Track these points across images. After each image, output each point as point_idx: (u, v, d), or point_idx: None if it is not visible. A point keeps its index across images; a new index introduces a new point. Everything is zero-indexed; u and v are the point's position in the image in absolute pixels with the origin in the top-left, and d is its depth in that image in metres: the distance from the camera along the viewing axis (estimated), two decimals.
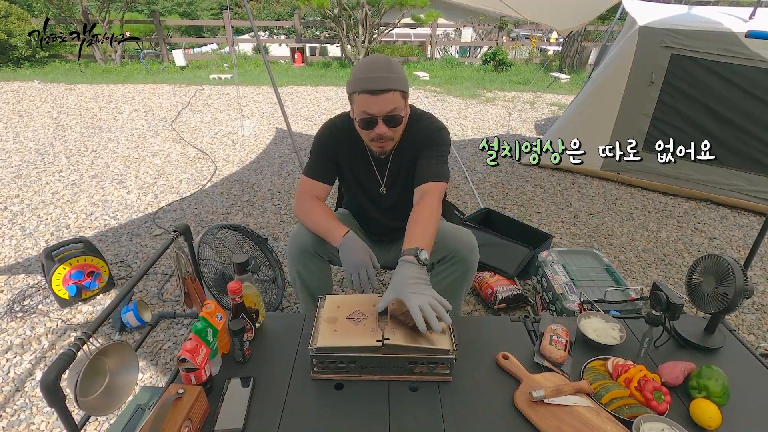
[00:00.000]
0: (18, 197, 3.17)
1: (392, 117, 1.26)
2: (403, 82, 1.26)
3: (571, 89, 7.33)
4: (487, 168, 3.94)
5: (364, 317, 1.22)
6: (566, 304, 1.74)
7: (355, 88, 1.25)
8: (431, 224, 1.27)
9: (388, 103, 1.23)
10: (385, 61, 1.25)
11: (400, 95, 1.26)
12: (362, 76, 1.23)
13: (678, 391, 1.12)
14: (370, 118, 1.26)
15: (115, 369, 0.90)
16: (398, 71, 1.25)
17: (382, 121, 1.26)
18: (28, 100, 5.86)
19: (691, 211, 3.19)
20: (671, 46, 3.14)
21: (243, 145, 4.39)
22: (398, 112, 1.26)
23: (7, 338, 1.87)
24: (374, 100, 1.22)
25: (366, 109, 1.25)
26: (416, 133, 1.40)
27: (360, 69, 1.25)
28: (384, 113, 1.24)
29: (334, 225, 1.35)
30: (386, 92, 1.22)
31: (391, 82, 1.22)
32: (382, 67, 1.23)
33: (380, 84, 1.21)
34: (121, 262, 2.43)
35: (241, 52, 10.29)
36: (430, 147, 1.38)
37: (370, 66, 1.24)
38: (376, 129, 1.27)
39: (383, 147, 1.34)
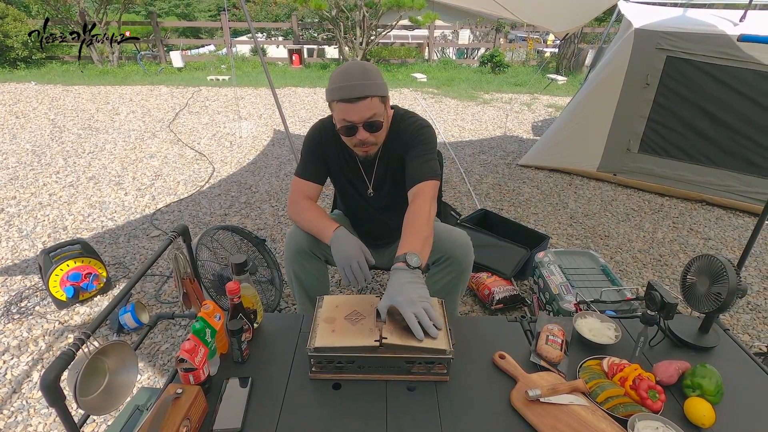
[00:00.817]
0: (15, 199, 3.16)
1: (372, 123, 1.26)
2: (381, 87, 1.26)
3: (568, 91, 7.37)
4: (485, 169, 3.96)
5: (362, 317, 1.23)
6: (563, 305, 1.75)
7: (333, 97, 1.25)
8: (423, 226, 1.26)
9: (366, 110, 1.24)
10: (360, 68, 1.24)
11: (379, 100, 1.26)
12: (339, 85, 1.23)
13: (672, 389, 1.13)
14: (349, 125, 1.26)
15: (115, 369, 0.90)
16: (375, 77, 1.25)
17: (362, 127, 1.26)
18: (24, 102, 5.85)
19: (686, 212, 3.22)
20: (666, 48, 3.16)
21: (241, 147, 4.40)
22: (377, 118, 1.27)
23: (4, 340, 1.87)
24: (352, 107, 1.23)
25: (345, 117, 1.25)
26: (401, 134, 1.41)
27: (336, 77, 1.24)
28: (363, 120, 1.25)
29: (325, 223, 1.36)
30: (363, 99, 1.22)
31: (368, 88, 1.22)
32: (357, 75, 1.22)
33: (357, 91, 1.21)
34: (118, 263, 2.43)
35: (239, 53, 10.30)
36: (415, 146, 1.38)
37: (345, 74, 1.23)
38: (357, 135, 1.28)
39: (367, 151, 1.35)
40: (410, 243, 1.20)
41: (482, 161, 4.17)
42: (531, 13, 4.55)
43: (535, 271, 2.06)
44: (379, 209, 1.56)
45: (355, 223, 1.67)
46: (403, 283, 1.11)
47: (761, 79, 2.95)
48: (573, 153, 3.74)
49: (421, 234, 1.24)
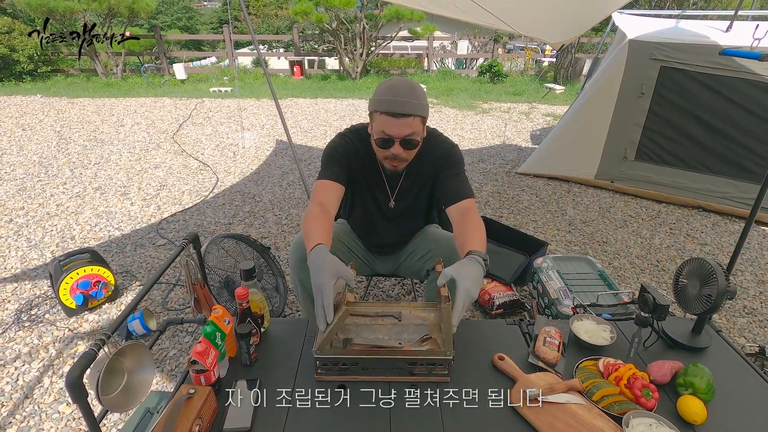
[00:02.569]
0: (23, 209, 3.22)
1: (409, 140, 1.30)
2: (424, 108, 1.30)
3: (566, 100, 7.46)
4: (484, 177, 4.02)
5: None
6: (561, 309, 1.79)
7: (377, 108, 1.28)
8: (484, 233, 1.31)
9: (406, 127, 1.27)
10: (409, 86, 1.27)
11: (420, 120, 1.30)
12: (385, 98, 1.26)
13: (666, 388, 1.17)
14: (387, 138, 1.30)
15: (133, 368, 0.95)
16: (421, 98, 1.28)
17: (398, 143, 1.30)
18: (30, 114, 5.95)
19: (683, 218, 3.26)
20: (660, 58, 3.24)
21: (244, 157, 4.47)
22: (416, 137, 1.31)
23: (16, 347, 1.91)
24: (394, 122, 1.26)
25: (385, 130, 1.29)
26: (430, 151, 1.45)
27: (384, 90, 1.28)
28: (402, 136, 1.29)
29: (312, 237, 1.22)
30: (407, 117, 1.25)
31: (413, 107, 1.26)
32: (405, 92, 1.25)
33: (402, 108, 1.25)
34: (126, 272, 2.48)
35: (241, 65, 10.45)
36: (450, 165, 1.43)
37: (394, 89, 1.26)
38: (392, 149, 1.31)
39: (396, 166, 1.39)
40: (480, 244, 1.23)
41: (481, 169, 4.23)
42: (527, 25, 4.64)
43: (534, 277, 2.10)
44: (394, 220, 1.59)
45: (366, 232, 1.69)
46: (476, 276, 1.13)
47: (753, 88, 3.02)
48: (571, 161, 3.80)
49: (485, 239, 1.29)
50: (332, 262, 1.13)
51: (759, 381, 1.21)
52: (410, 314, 1.35)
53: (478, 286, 1.12)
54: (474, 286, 1.11)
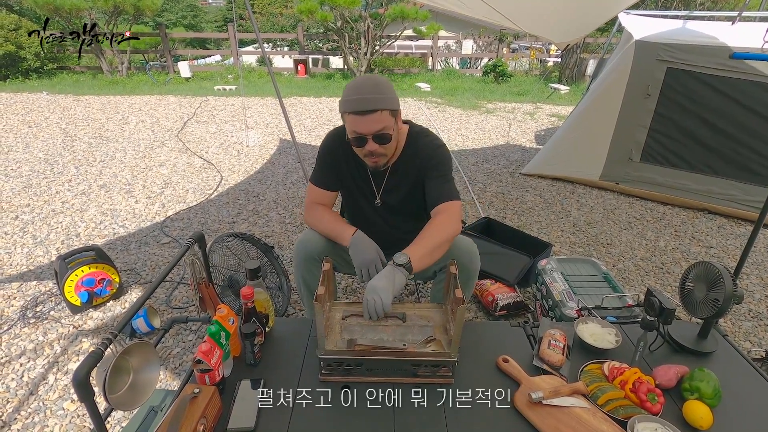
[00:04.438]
0: (29, 206, 3.24)
1: (381, 135, 1.32)
2: (391, 101, 1.31)
3: (570, 100, 7.43)
4: (488, 178, 4.01)
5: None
6: (565, 311, 1.79)
7: (345, 108, 1.31)
8: (435, 236, 1.33)
9: (375, 123, 1.29)
10: (372, 82, 1.29)
11: (389, 114, 1.31)
12: (351, 97, 1.29)
13: (671, 393, 1.17)
14: (359, 136, 1.32)
15: (138, 367, 0.95)
16: (386, 91, 1.29)
17: (371, 139, 1.32)
18: (37, 111, 5.98)
19: (688, 221, 3.25)
20: (667, 59, 3.22)
21: (248, 156, 4.47)
22: (387, 131, 1.32)
23: (21, 344, 1.92)
24: (362, 120, 1.28)
25: (355, 129, 1.31)
26: (417, 151, 1.46)
27: (349, 90, 1.30)
28: (373, 132, 1.30)
29: (343, 227, 1.44)
30: (374, 112, 1.27)
31: (379, 102, 1.27)
32: (369, 88, 1.27)
33: (368, 105, 1.27)
34: (130, 269, 2.49)
35: (245, 63, 10.46)
36: (434, 167, 1.44)
37: (358, 87, 1.28)
38: (366, 147, 1.33)
39: (376, 162, 1.40)
40: (411, 247, 1.29)
41: (486, 170, 4.22)
42: (533, 24, 4.63)
43: (538, 279, 2.10)
44: (385, 220, 1.61)
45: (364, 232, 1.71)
46: (379, 275, 1.22)
47: (761, 90, 2.99)
48: (576, 162, 3.78)
49: (426, 243, 1.31)
50: (373, 243, 1.37)
51: (765, 386, 1.20)
52: (414, 315, 1.35)
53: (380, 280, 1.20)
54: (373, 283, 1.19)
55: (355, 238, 1.38)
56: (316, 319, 1.11)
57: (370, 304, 1.16)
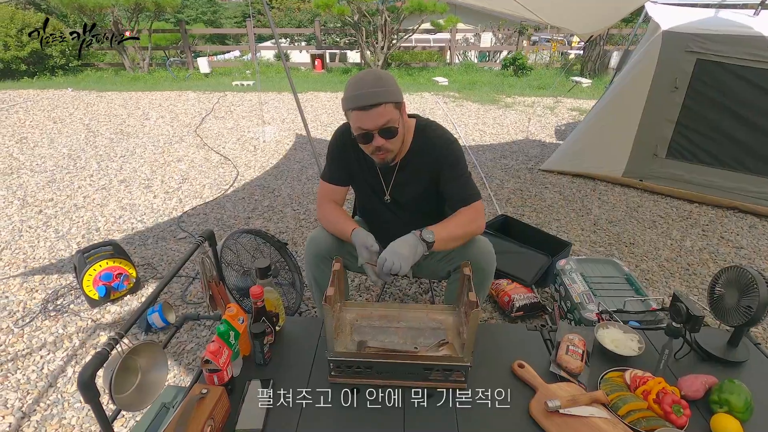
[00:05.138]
0: (52, 201, 3.32)
1: (387, 129, 1.28)
2: (394, 93, 1.27)
3: (593, 94, 7.22)
4: (506, 174, 3.92)
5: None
6: (584, 314, 1.72)
7: (347, 106, 1.28)
8: (462, 225, 1.37)
9: (380, 117, 1.25)
10: (373, 76, 1.26)
11: (393, 107, 1.27)
12: (352, 94, 1.25)
13: (698, 405, 1.11)
14: (365, 132, 1.29)
15: (146, 367, 0.95)
16: (388, 84, 1.26)
17: (377, 134, 1.28)
18: (62, 107, 6.14)
19: (717, 220, 3.11)
20: (696, 50, 3.07)
21: (264, 151, 4.49)
22: (392, 124, 1.28)
23: (42, 336, 1.97)
24: (366, 115, 1.25)
25: (360, 125, 1.28)
26: (427, 146, 1.42)
27: (350, 86, 1.26)
28: (378, 127, 1.27)
29: (345, 223, 1.44)
30: (377, 106, 1.23)
31: (381, 95, 1.23)
32: (370, 82, 1.24)
33: (370, 99, 1.23)
34: (147, 264, 2.53)
35: (263, 58, 10.52)
36: (450, 166, 1.41)
37: (359, 82, 1.25)
38: (373, 142, 1.30)
39: (384, 158, 1.37)
40: (437, 227, 1.31)
41: (503, 166, 4.13)
42: (554, 15, 4.50)
43: (557, 279, 2.03)
44: (397, 216, 1.58)
45: (375, 229, 1.69)
46: (401, 240, 1.26)
47: None
48: (597, 158, 3.66)
49: (452, 230, 1.35)
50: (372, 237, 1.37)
51: None
52: (427, 317, 1.32)
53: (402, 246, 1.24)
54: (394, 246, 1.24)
55: (353, 234, 1.38)
56: (326, 320, 1.09)
57: (387, 264, 1.18)
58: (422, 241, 1.26)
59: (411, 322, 1.29)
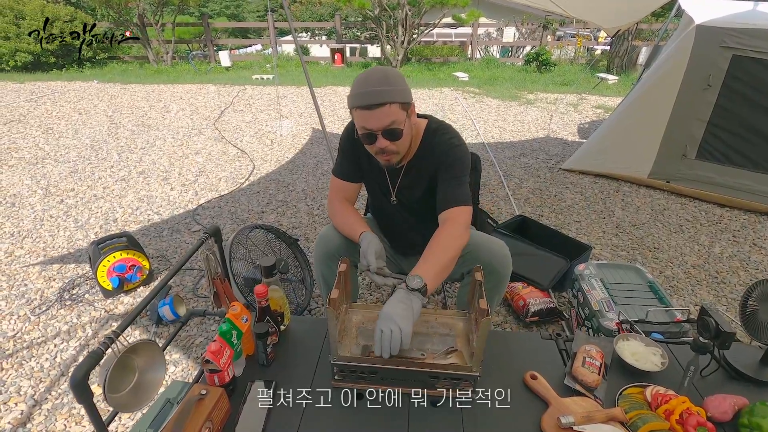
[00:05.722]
0: (73, 191, 3.39)
1: (391, 131, 1.22)
2: (401, 93, 1.20)
3: (619, 91, 6.98)
4: (525, 173, 3.82)
5: None
6: (603, 322, 1.64)
7: (352, 104, 1.22)
8: (444, 252, 1.22)
9: (384, 117, 1.19)
10: (380, 74, 1.20)
11: (398, 107, 1.20)
12: (357, 92, 1.19)
13: (726, 427, 1.03)
14: (368, 132, 1.23)
15: (144, 367, 0.93)
16: (395, 83, 1.19)
17: (381, 135, 1.22)
18: (87, 99, 6.28)
19: (749, 225, 2.94)
20: (732, 46, 2.90)
21: (281, 145, 4.49)
22: (397, 126, 1.21)
23: (57, 325, 2.00)
24: (370, 115, 1.19)
25: (364, 125, 1.22)
26: (433, 148, 1.36)
27: (356, 84, 1.20)
28: (382, 128, 1.20)
29: (354, 227, 1.37)
30: (382, 106, 1.17)
31: (386, 95, 1.17)
32: (376, 81, 1.18)
33: (375, 98, 1.16)
34: (161, 256, 2.55)
35: (284, 53, 10.55)
36: (447, 167, 1.33)
37: (365, 80, 1.19)
38: (377, 143, 1.24)
39: (389, 160, 1.30)
40: (422, 267, 1.16)
41: (523, 164, 4.02)
42: (581, 9, 4.34)
43: (575, 284, 1.95)
44: (404, 218, 1.53)
45: (385, 230, 1.65)
46: (391, 302, 1.08)
47: None
48: (622, 158, 3.52)
49: (438, 260, 1.19)
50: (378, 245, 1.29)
51: None
52: (436, 321, 1.27)
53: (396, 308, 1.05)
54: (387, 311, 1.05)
55: (364, 236, 1.32)
56: (329, 323, 1.06)
57: (386, 336, 1.02)
58: (413, 292, 1.09)
59: (419, 327, 1.24)
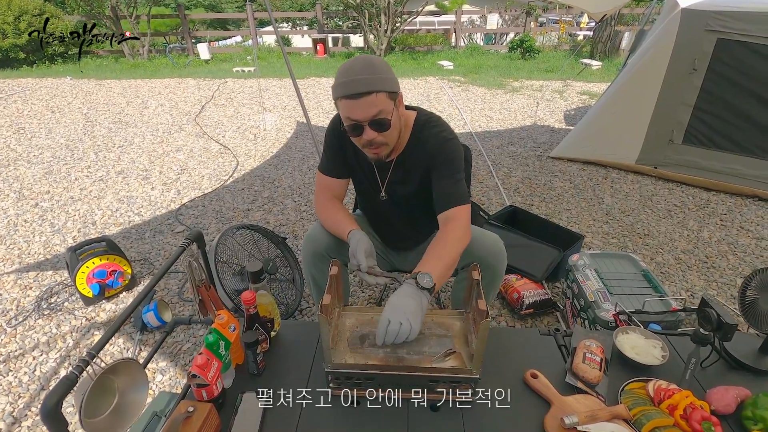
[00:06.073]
0: (48, 193, 3.25)
1: (379, 121, 1.15)
2: (388, 82, 1.15)
3: (603, 77, 7.00)
4: (514, 162, 3.79)
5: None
6: (599, 313, 1.63)
7: (337, 94, 1.15)
8: (450, 251, 1.18)
9: (370, 107, 1.13)
10: (365, 62, 1.14)
11: (386, 96, 1.14)
12: (341, 81, 1.13)
13: (730, 420, 1.01)
14: (354, 123, 1.16)
15: (125, 388, 0.87)
16: (381, 71, 1.14)
17: (368, 126, 1.16)
18: (60, 97, 6.04)
19: (735, 209, 2.97)
20: (717, 29, 2.90)
21: (264, 140, 4.38)
22: (384, 116, 1.15)
23: (35, 336, 1.91)
24: (356, 104, 1.12)
25: (349, 115, 1.16)
26: (423, 142, 1.30)
27: (340, 73, 1.14)
28: (369, 118, 1.14)
29: (343, 225, 1.32)
30: (368, 95, 1.11)
31: (373, 83, 1.11)
32: (360, 69, 1.12)
33: (360, 87, 1.10)
34: (144, 259, 2.46)
35: (265, 44, 10.31)
36: (442, 165, 1.28)
37: (349, 69, 1.13)
38: (364, 135, 1.18)
39: (378, 153, 1.24)
40: (429, 263, 1.13)
41: (511, 153, 4.00)
42: None
43: (569, 275, 1.93)
44: (394, 214, 1.48)
45: (375, 225, 1.60)
46: (401, 295, 1.05)
47: None
48: (609, 144, 3.52)
49: (443, 259, 1.16)
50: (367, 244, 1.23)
51: None
52: (433, 322, 1.23)
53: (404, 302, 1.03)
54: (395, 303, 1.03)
55: (352, 234, 1.26)
56: (322, 330, 1.01)
57: (393, 328, 0.99)
58: (423, 290, 1.05)
59: None
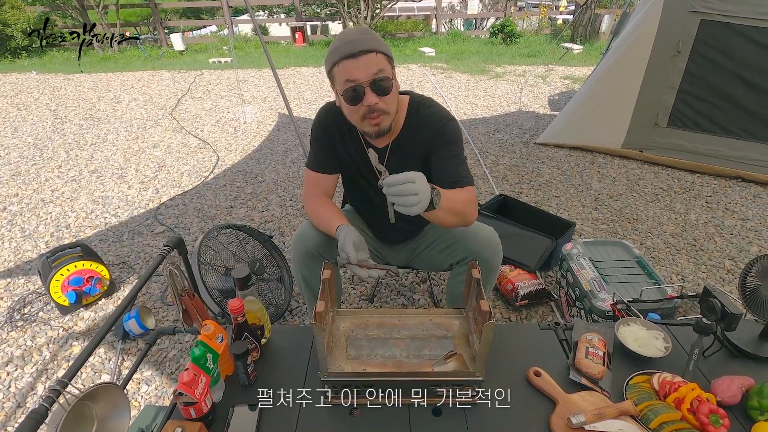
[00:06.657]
0: (17, 196, 3.08)
1: (380, 82, 1.11)
2: (384, 44, 1.15)
3: (585, 61, 7.00)
4: (500, 149, 3.76)
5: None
6: (596, 303, 1.61)
7: (333, 58, 1.12)
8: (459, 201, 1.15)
9: (372, 65, 1.10)
10: (361, 28, 1.16)
11: (384, 59, 1.13)
12: (339, 44, 1.12)
13: (735, 410, 1.00)
14: (354, 86, 1.11)
15: (104, 414, 0.80)
16: (376, 35, 1.15)
17: (369, 88, 1.11)
18: (26, 93, 5.74)
19: (720, 190, 3.00)
20: (701, 11, 2.89)
21: (245, 133, 4.25)
22: (385, 75, 1.12)
23: (8, 349, 1.80)
24: (356, 63, 1.09)
25: (348, 77, 1.10)
26: (421, 124, 1.26)
27: (336, 40, 1.14)
28: (370, 77, 1.10)
29: (329, 223, 1.27)
30: (368, 53, 1.09)
31: (371, 42, 1.11)
32: (357, 32, 1.13)
33: (360, 45, 1.09)
34: (123, 263, 2.35)
35: (241, 33, 9.99)
36: (445, 145, 1.24)
37: (346, 34, 1.14)
38: (364, 100, 1.12)
39: (378, 124, 1.17)
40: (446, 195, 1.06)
41: (497, 140, 3.96)
42: None
43: (563, 264, 1.91)
44: None
45: (367, 220, 1.54)
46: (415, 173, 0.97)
47: None
48: (595, 129, 3.51)
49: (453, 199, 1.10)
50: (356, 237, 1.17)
51: None
52: (431, 322, 1.18)
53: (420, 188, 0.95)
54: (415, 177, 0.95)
55: (341, 229, 1.21)
56: (316, 339, 0.95)
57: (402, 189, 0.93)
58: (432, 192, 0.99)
59: (413, 330, 1.15)
